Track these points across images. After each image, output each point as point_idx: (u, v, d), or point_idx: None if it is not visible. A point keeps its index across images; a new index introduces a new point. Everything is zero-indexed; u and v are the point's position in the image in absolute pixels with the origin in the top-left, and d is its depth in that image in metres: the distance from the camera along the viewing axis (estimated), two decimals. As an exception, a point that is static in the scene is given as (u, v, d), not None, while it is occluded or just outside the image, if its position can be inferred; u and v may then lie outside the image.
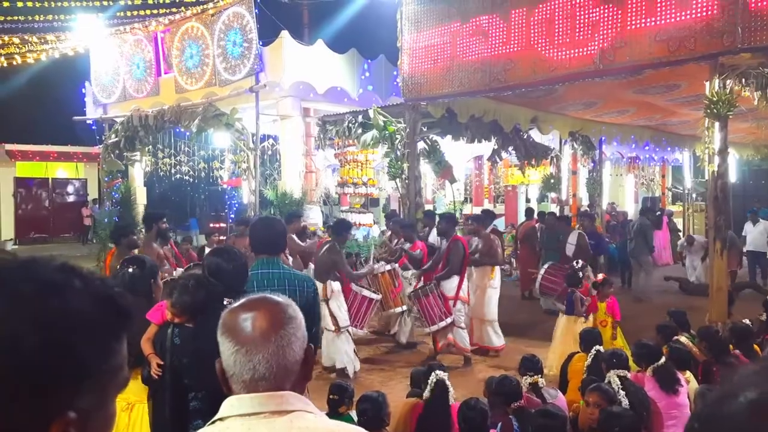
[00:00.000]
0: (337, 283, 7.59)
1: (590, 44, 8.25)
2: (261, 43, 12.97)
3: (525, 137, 13.77)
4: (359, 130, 12.13)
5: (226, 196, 18.98)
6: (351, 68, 13.97)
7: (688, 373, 4.94)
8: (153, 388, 3.62)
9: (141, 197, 16.74)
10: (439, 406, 4.13)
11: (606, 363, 4.67)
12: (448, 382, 4.23)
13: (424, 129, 11.28)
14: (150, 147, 15.57)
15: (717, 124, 7.48)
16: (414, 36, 10.20)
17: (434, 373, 4.24)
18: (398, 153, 11.07)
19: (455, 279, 8.07)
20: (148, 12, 15.76)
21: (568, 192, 16.02)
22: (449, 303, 7.92)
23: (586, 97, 10.70)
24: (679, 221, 18.34)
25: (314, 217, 13.40)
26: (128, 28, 15.75)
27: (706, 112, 7.53)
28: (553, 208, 17.58)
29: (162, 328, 3.52)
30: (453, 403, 4.14)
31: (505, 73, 9.23)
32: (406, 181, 10.74)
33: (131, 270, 4.17)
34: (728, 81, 7.43)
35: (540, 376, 4.83)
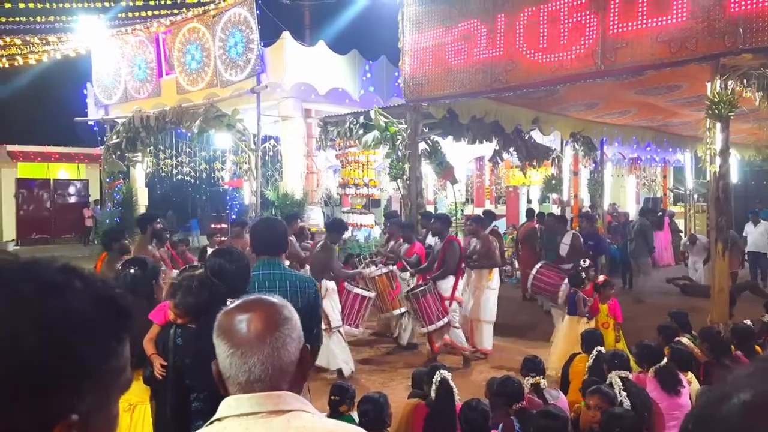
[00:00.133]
0: (332, 282, 7.56)
1: (584, 46, 8.26)
2: (262, 44, 12.98)
3: (526, 138, 13.76)
4: (360, 131, 12.13)
5: (227, 197, 19.00)
6: (352, 69, 13.98)
7: (689, 374, 4.93)
8: (155, 388, 3.63)
9: (142, 198, 16.77)
10: (444, 407, 4.13)
11: (607, 364, 4.66)
12: (452, 383, 4.24)
13: (426, 130, 11.29)
14: (151, 148, 15.60)
15: (718, 124, 7.48)
16: (415, 37, 10.20)
17: (438, 372, 4.24)
18: (399, 154, 11.08)
19: (451, 279, 8.06)
20: (149, 13, 15.80)
21: (570, 193, 16.00)
22: (445, 303, 7.92)
23: (587, 98, 10.69)
24: (681, 222, 18.31)
25: (315, 217, 13.42)
26: (130, 29, 15.78)
27: (708, 113, 7.53)
28: (555, 209, 17.58)
29: (164, 328, 3.52)
30: (457, 404, 4.14)
31: (507, 74, 9.23)
32: (408, 182, 10.74)
33: (133, 271, 4.18)
34: (730, 82, 7.43)
35: (542, 377, 4.83)
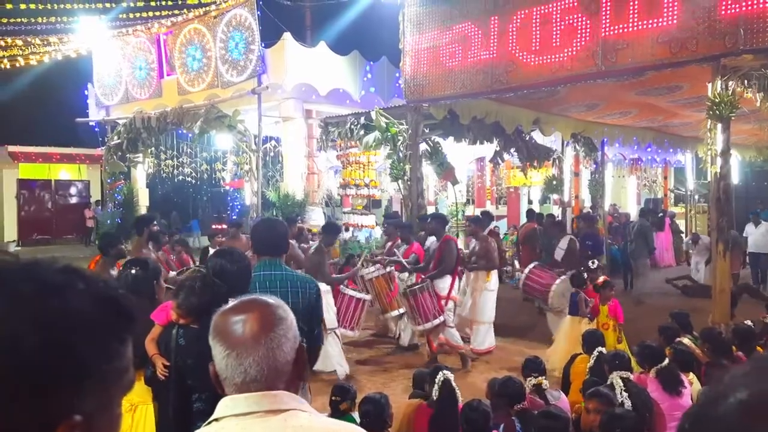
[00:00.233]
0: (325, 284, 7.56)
1: (584, 47, 8.26)
2: (263, 45, 12.99)
3: (527, 139, 13.75)
4: (361, 132, 12.14)
5: (228, 198, 18.99)
6: (353, 70, 13.98)
7: (691, 375, 4.93)
8: (156, 389, 3.63)
9: (143, 199, 16.80)
10: (446, 407, 4.13)
11: (608, 365, 4.66)
12: (454, 383, 4.24)
13: (426, 130, 11.29)
14: (152, 149, 15.62)
15: (719, 125, 7.47)
16: (416, 38, 10.21)
17: (441, 373, 4.24)
18: (400, 154, 11.07)
19: (448, 278, 8.07)
20: (150, 14, 15.81)
21: (571, 194, 16.01)
22: (441, 302, 7.91)
23: (588, 99, 10.69)
24: (682, 223, 18.31)
25: (316, 218, 13.42)
26: (131, 31, 15.80)
27: (709, 114, 7.52)
28: (556, 210, 17.57)
29: (166, 328, 3.52)
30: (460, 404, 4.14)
31: (507, 75, 9.23)
32: (409, 182, 10.74)
33: (134, 271, 4.19)
34: (730, 82, 7.43)
35: (544, 378, 4.82)
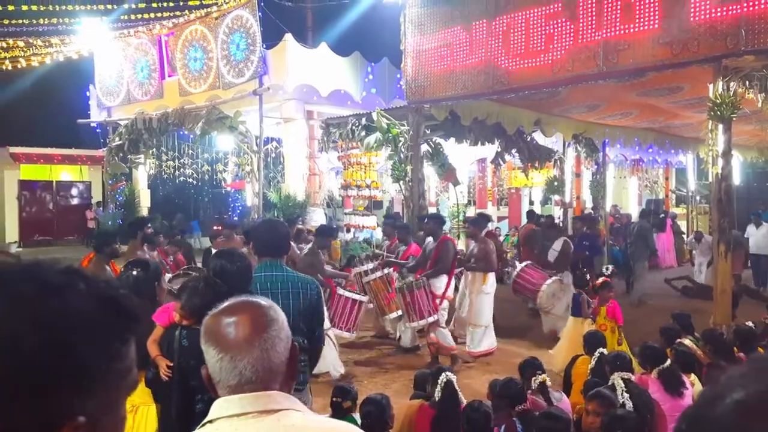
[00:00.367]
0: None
1: (586, 48, 8.26)
2: (264, 46, 13.00)
3: (528, 140, 13.75)
4: (363, 133, 12.14)
5: (229, 199, 19.02)
6: (354, 71, 13.99)
7: (692, 376, 4.93)
8: (156, 390, 3.63)
9: (145, 200, 16.81)
10: (449, 408, 4.13)
11: (609, 366, 4.65)
12: (456, 384, 4.24)
13: (428, 131, 11.29)
14: (154, 150, 15.64)
15: (721, 126, 7.47)
16: (417, 39, 10.22)
17: (444, 374, 4.24)
18: (402, 155, 11.07)
19: (444, 278, 8.07)
20: (152, 15, 15.82)
21: (572, 194, 16.00)
22: (436, 301, 7.89)
23: (589, 100, 10.69)
24: (683, 223, 18.30)
25: (318, 219, 13.42)
26: (132, 32, 15.82)
27: (710, 115, 7.52)
28: (557, 211, 17.57)
29: (168, 330, 3.53)
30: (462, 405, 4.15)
31: (508, 76, 9.23)
32: (410, 183, 10.74)
33: (135, 272, 4.19)
34: (732, 83, 7.43)
35: (547, 375, 4.81)
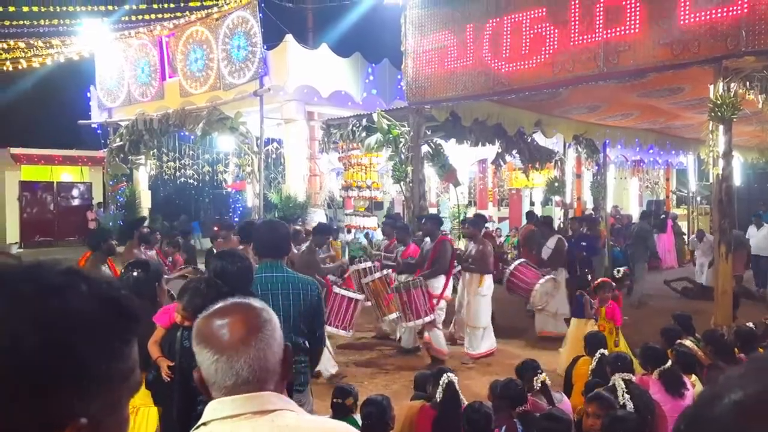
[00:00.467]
0: None
1: (587, 49, 8.26)
2: (265, 47, 13.00)
3: (529, 141, 13.75)
4: (363, 134, 12.14)
5: (230, 200, 19.01)
6: (355, 72, 13.99)
7: (693, 377, 4.92)
8: (155, 392, 3.63)
9: (146, 201, 16.81)
10: (450, 409, 4.13)
11: (610, 366, 4.65)
12: (458, 386, 4.25)
13: (428, 132, 11.29)
14: (154, 151, 15.64)
15: (721, 127, 7.47)
16: (418, 40, 10.22)
17: (446, 375, 4.24)
18: (402, 156, 11.07)
19: (441, 278, 8.08)
20: (153, 16, 15.83)
21: (573, 195, 15.99)
22: (433, 301, 7.90)
23: (590, 101, 10.69)
24: (684, 224, 18.29)
25: (318, 220, 13.42)
26: (133, 33, 15.83)
27: (711, 116, 7.52)
28: (558, 212, 17.56)
29: (170, 331, 3.52)
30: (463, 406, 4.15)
31: (509, 77, 9.24)
32: (410, 184, 10.74)
33: (136, 273, 4.19)
34: (732, 84, 7.43)
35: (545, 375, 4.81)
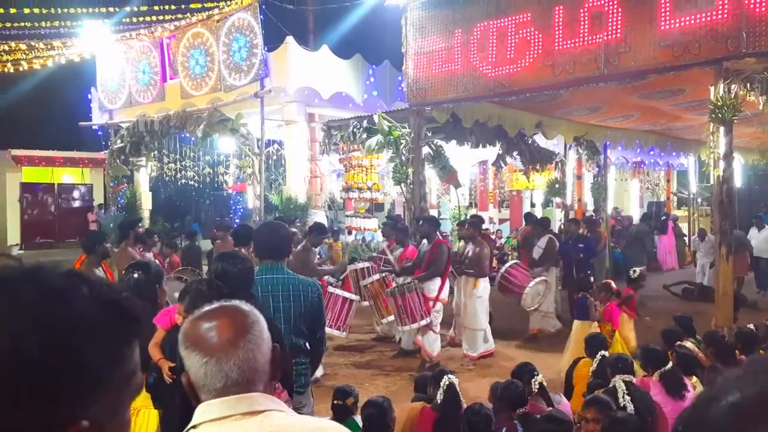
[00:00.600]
0: None
1: (588, 50, 8.26)
2: (266, 48, 13.01)
3: (530, 142, 13.75)
4: (364, 135, 12.15)
5: (231, 201, 19.01)
6: (356, 74, 13.99)
7: (694, 378, 4.92)
8: (155, 395, 3.62)
9: (146, 202, 16.79)
10: (451, 411, 4.13)
11: (611, 368, 4.64)
12: (458, 387, 4.24)
13: (429, 134, 11.28)
14: (155, 152, 15.63)
15: (722, 128, 7.47)
16: (419, 41, 10.22)
17: (446, 377, 4.24)
18: (403, 158, 11.07)
19: (437, 281, 8.05)
20: (153, 18, 15.84)
21: (573, 197, 15.99)
22: (429, 304, 7.86)
23: (590, 102, 10.68)
24: (685, 226, 18.28)
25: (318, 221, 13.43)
26: (134, 34, 15.83)
27: (711, 117, 7.52)
28: (558, 213, 17.55)
29: (170, 332, 3.52)
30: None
31: (509, 78, 9.23)
32: (411, 186, 10.74)
33: (137, 275, 4.18)
34: (733, 86, 7.43)
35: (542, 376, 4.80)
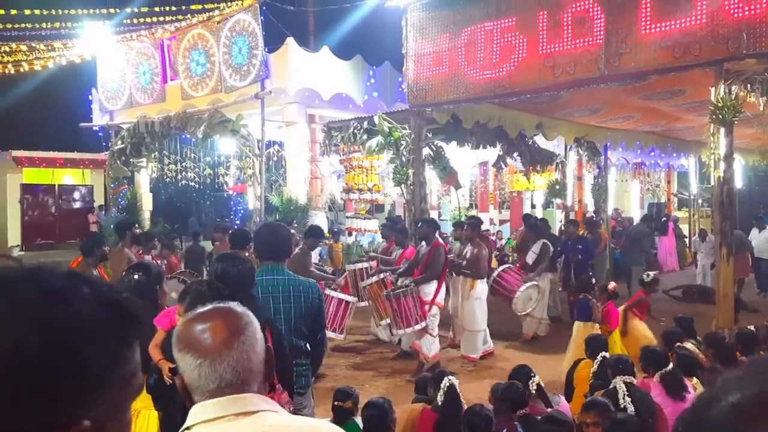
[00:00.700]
0: None
1: (588, 50, 8.26)
2: (266, 49, 13.01)
3: (530, 143, 13.76)
4: (364, 136, 12.15)
5: (231, 202, 19.01)
6: (356, 75, 14.00)
7: (695, 380, 4.92)
8: (155, 396, 3.62)
9: (147, 203, 16.79)
10: (452, 412, 4.12)
11: (612, 369, 4.64)
12: (459, 389, 4.24)
13: (429, 135, 11.29)
14: (156, 153, 15.65)
15: (722, 129, 7.47)
16: (419, 42, 10.22)
17: (447, 378, 4.24)
18: (403, 159, 11.07)
19: (434, 284, 8.04)
20: (154, 19, 15.84)
21: (574, 198, 16.00)
22: (425, 307, 7.86)
23: (591, 103, 10.68)
24: (685, 227, 18.28)
25: (319, 222, 13.42)
26: (135, 36, 15.84)
27: (712, 118, 7.52)
28: (559, 214, 17.55)
29: (170, 334, 3.51)
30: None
31: (510, 79, 9.24)
32: (411, 187, 10.74)
33: (137, 276, 4.18)
34: (733, 87, 7.43)
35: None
